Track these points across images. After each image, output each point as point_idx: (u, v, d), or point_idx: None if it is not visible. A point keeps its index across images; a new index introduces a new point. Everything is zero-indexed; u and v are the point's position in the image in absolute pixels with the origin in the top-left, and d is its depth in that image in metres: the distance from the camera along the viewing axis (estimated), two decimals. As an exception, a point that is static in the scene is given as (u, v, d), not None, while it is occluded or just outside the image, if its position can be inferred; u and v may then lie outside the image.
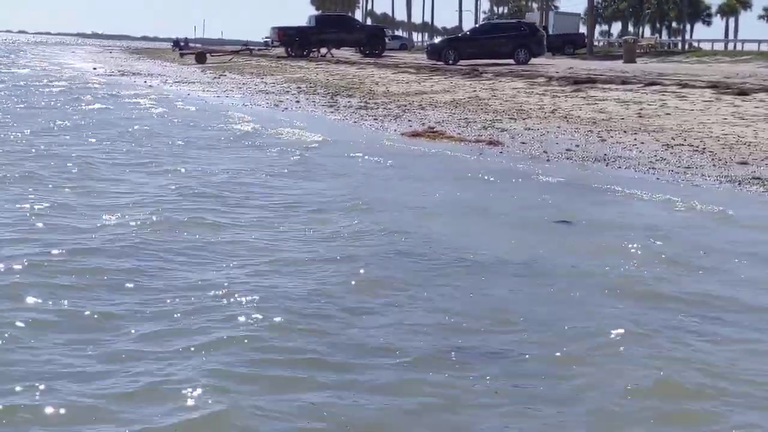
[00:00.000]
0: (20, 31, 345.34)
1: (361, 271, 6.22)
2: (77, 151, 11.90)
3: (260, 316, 5.07)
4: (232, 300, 5.40)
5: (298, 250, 6.77)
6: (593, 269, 6.47)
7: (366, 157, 12.19)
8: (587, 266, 6.56)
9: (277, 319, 5.07)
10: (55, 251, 6.34)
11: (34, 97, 21.63)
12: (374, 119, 17.55)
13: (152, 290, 5.64)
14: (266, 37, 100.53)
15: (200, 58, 50.11)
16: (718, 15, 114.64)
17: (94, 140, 13.42)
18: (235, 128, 15.76)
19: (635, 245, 7.08)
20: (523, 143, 13.79)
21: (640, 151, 12.64)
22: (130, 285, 5.72)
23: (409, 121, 17.14)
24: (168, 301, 5.42)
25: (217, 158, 11.94)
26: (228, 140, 14.12)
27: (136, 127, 15.25)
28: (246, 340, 4.74)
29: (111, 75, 36.07)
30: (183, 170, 10.57)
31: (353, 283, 5.93)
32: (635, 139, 13.78)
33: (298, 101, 22.20)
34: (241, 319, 5.07)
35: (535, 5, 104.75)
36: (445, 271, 6.31)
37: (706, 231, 7.91)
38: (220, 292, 5.53)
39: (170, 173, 10.34)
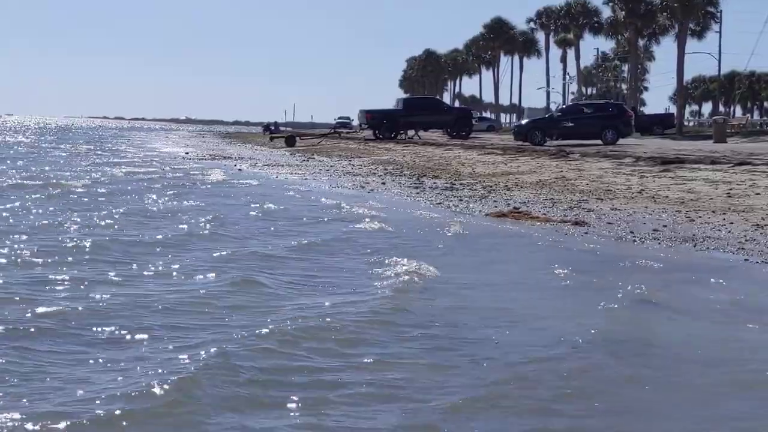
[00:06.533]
0: (117, 117, 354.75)
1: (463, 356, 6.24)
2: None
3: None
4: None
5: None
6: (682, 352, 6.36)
7: (446, 238, 12.19)
8: (671, 348, 6.46)
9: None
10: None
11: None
12: (459, 200, 17.54)
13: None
14: (338, 119, 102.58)
15: (289, 141, 50.85)
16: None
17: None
18: (318, 210, 15.87)
19: (720, 327, 6.95)
20: (610, 224, 13.64)
21: (729, 232, 12.41)
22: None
23: (495, 201, 17.11)
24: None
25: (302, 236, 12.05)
26: (311, 219, 14.28)
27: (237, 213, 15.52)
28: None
29: (202, 159, 36.79)
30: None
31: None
32: (724, 220, 13.54)
33: (384, 183, 22.32)
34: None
35: (624, 86, 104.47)
36: (530, 355, 6.28)
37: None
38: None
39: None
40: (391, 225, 13.26)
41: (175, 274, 9.04)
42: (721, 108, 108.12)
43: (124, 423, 4.74)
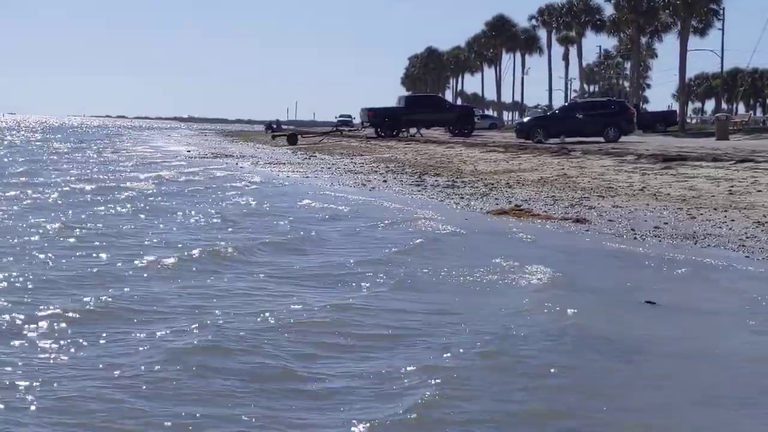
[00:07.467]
0: (119, 116, 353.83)
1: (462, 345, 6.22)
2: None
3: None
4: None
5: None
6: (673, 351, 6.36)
7: (445, 234, 12.17)
8: (665, 347, 6.46)
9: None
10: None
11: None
12: (461, 198, 17.51)
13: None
14: (339, 117, 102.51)
15: (291, 139, 50.83)
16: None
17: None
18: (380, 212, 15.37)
19: (717, 326, 6.96)
20: (611, 221, 13.62)
21: (730, 229, 12.39)
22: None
23: (496, 199, 17.08)
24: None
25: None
26: (384, 221, 13.86)
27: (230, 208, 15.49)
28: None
29: (204, 157, 36.73)
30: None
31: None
32: (725, 217, 13.53)
33: (385, 180, 22.28)
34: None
35: (626, 83, 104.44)
36: (532, 348, 6.31)
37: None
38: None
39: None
40: (462, 228, 12.92)
41: (323, 280, 8.95)
42: (724, 105, 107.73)
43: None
